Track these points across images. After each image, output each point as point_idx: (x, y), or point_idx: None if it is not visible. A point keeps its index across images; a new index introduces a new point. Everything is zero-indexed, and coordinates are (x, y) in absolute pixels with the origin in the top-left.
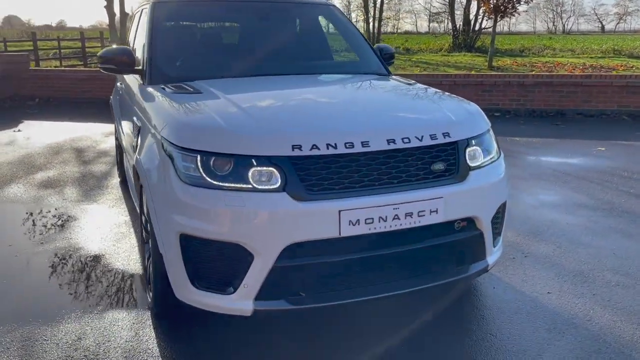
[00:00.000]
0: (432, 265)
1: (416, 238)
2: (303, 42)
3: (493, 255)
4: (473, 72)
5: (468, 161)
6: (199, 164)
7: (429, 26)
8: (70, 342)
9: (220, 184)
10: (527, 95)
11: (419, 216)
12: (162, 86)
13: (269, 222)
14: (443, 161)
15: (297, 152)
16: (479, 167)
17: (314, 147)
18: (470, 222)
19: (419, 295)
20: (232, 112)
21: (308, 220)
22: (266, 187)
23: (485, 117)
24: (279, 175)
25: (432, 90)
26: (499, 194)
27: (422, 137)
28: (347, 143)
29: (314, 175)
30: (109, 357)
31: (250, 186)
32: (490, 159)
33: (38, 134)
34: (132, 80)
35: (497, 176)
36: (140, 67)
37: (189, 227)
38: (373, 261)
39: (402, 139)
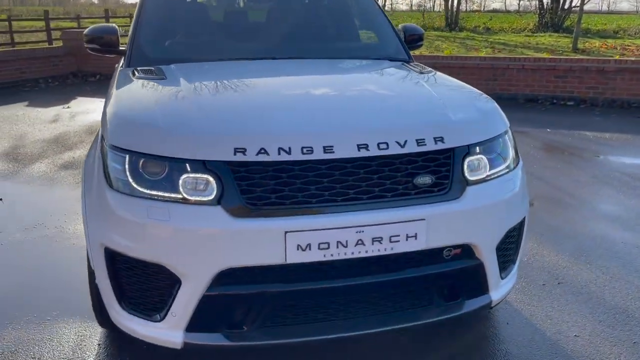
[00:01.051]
0: (412, 301)
1: (391, 267)
2: (315, 21)
3: (500, 289)
4: (546, 55)
5: (466, 173)
6: (126, 165)
7: (518, 4)
8: (3, 354)
9: (147, 191)
10: (607, 83)
11: (391, 242)
12: (134, 69)
13: (198, 242)
14: (431, 173)
15: (239, 157)
16: (482, 180)
17: (262, 151)
18: (466, 249)
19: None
20: (179, 105)
21: (246, 241)
22: (198, 199)
23: (503, 117)
24: (215, 185)
25: (446, 81)
26: (509, 214)
27: (406, 142)
28: (305, 148)
29: (258, 185)
30: None
31: (180, 196)
32: (502, 170)
33: (83, 112)
34: (120, 63)
35: (508, 192)
36: (124, 48)
37: (110, 240)
38: (334, 294)
39: (378, 144)
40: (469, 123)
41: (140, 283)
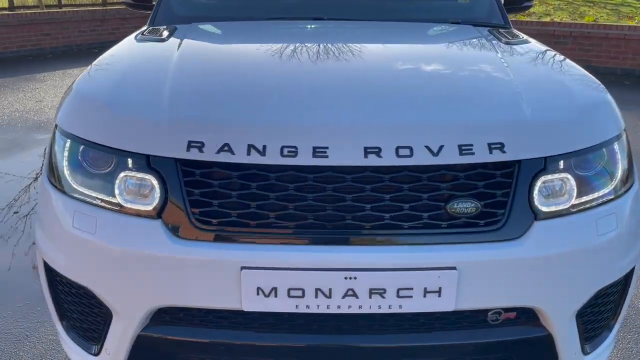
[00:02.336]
0: None
1: (404, 328)
2: None
3: None
4: None
5: (536, 201)
6: (65, 153)
7: None
8: None
9: (81, 189)
10: None
11: (399, 297)
12: (146, 29)
13: (127, 268)
14: (477, 197)
15: (193, 154)
16: (564, 212)
17: (226, 148)
18: (526, 312)
19: None
20: (147, 78)
21: (190, 274)
22: (135, 207)
23: (615, 116)
24: (157, 190)
25: (543, 58)
26: (604, 267)
27: (441, 147)
28: (287, 148)
29: (215, 196)
30: None
31: (114, 201)
32: (602, 196)
33: None
34: None
35: (606, 233)
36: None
37: (43, 249)
38: (319, 356)
39: (397, 148)
40: (554, 123)
41: (77, 305)
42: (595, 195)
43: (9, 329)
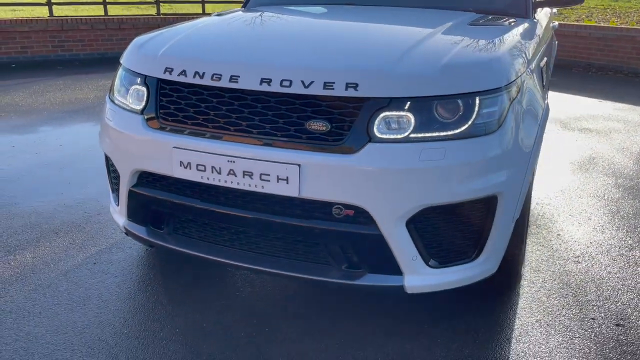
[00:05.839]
0: (305, 254)
1: (271, 208)
2: None
3: (421, 277)
4: None
5: (375, 129)
6: (118, 76)
7: None
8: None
9: (117, 97)
10: None
11: (261, 180)
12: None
13: (121, 142)
14: (329, 121)
15: (167, 76)
16: (396, 140)
17: (182, 73)
18: (361, 213)
19: None
20: (174, 32)
21: (149, 149)
22: (133, 107)
23: (488, 74)
24: (145, 97)
25: (480, 35)
26: (427, 188)
27: (312, 82)
28: (215, 74)
29: (173, 103)
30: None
31: (126, 102)
32: (446, 135)
33: None
34: None
35: (426, 161)
36: None
37: (99, 134)
38: (224, 220)
39: (282, 80)
40: (409, 75)
41: (110, 171)
42: (433, 134)
43: None
